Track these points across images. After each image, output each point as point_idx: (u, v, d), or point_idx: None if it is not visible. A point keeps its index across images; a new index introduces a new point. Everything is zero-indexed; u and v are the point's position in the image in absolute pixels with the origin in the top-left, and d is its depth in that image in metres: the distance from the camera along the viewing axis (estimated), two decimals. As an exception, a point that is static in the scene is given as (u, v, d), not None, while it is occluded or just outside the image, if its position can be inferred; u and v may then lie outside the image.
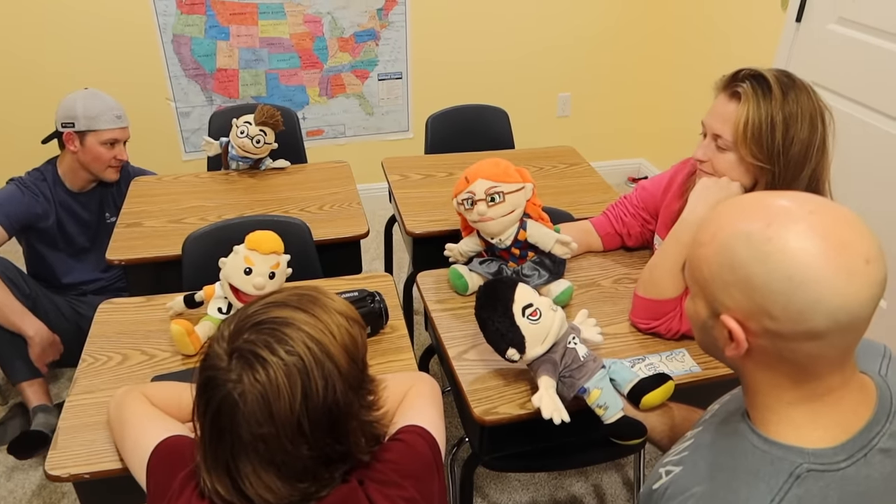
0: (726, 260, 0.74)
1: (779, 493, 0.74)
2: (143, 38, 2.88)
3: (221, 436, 0.81)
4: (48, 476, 1.13)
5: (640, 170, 3.87)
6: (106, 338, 1.44)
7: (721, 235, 0.75)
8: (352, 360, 0.84)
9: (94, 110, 2.06)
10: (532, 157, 2.34)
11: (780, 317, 0.71)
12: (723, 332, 0.77)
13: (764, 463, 0.77)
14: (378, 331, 1.45)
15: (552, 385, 1.21)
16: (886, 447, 0.76)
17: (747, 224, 0.73)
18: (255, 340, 0.80)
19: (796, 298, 0.69)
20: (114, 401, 1.16)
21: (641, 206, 1.66)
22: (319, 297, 0.87)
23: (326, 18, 3.03)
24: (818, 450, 0.75)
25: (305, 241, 1.78)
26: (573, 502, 1.99)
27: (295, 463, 0.82)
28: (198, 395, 0.83)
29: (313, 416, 0.80)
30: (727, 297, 0.75)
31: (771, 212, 0.73)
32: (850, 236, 0.69)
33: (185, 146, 3.16)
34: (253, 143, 2.09)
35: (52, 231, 2.16)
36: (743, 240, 0.72)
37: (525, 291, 1.24)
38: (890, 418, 0.78)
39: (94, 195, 2.22)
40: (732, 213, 0.76)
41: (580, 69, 3.49)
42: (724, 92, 1.31)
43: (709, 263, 0.76)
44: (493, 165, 1.49)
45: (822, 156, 1.29)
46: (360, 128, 3.33)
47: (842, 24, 2.39)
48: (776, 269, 0.70)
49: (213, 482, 0.84)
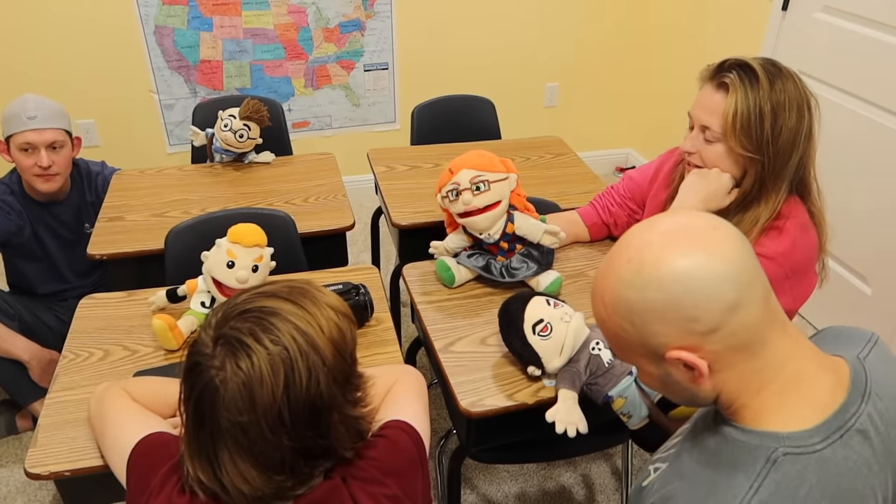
0: (625, 310, 0.76)
1: (756, 479, 0.74)
2: (125, 29, 2.84)
3: (203, 422, 0.81)
4: (28, 474, 1.12)
5: (628, 159, 3.87)
6: (87, 333, 1.42)
7: (607, 298, 0.78)
8: (339, 353, 0.83)
9: (9, 112, 1.90)
10: (519, 147, 2.32)
11: (700, 316, 0.73)
12: (679, 370, 0.77)
13: (742, 453, 0.77)
14: (363, 324, 1.44)
15: (570, 397, 1.21)
16: (863, 428, 0.76)
17: (615, 273, 0.76)
18: (241, 328, 0.80)
19: (695, 293, 0.72)
20: (94, 397, 1.14)
21: (628, 195, 1.65)
22: (310, 289, 0.87)
23: (311, 9, 3.00)
24: (793, 433, 0.75)
25: (290, 234, 1.76)
26: (562, 492, 1.99)
27: (273, 453, 0.81)
28: (183, 380, 0.83)
29: (295, 407, 0.79)
30: (652, 336, 0.76)
31: (626, 252, 0.76)
32: (691, 225, 0.76)
33: (170, 139, 3.12)
34: (236, 137, 2.06)
35: (30, 245, 2.08)
36: (623, 286, 0.75)
37: (535, 307, 1.25)
38: (865, 400, 0.78)
39: (68, 205, 2.10)
40: (598, 280, 0.80)
41: (568, 59, 3.48)
42: (710, 82, 1.30)
43: (618, 326, 0.78)
44: (478, 156, 1.48)
45: (809, 143, 1.28)
46: (347, 119, 3.31)
47: (828, 13, 2.39)
48: (662, 285, 0.73)
49: (195, 469, 0.83)
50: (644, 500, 0.85)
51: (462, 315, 1.46)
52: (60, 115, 1.96)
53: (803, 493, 0.73)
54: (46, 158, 1.92)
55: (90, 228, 2.06)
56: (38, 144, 1.90)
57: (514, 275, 1.51)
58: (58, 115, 1.95)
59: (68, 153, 2.00)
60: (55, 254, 2.13)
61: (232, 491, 0.82)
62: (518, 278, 1.51)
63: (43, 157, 1.91)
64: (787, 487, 0.73)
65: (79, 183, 2.11)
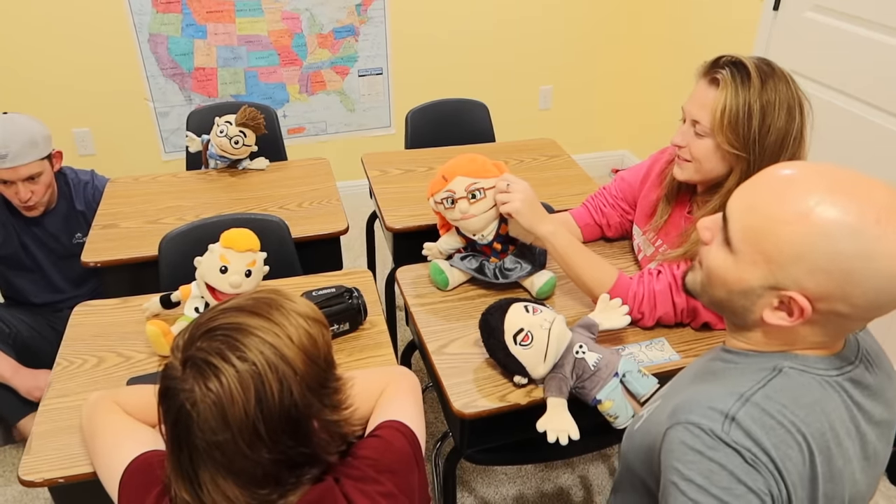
0: (824, 247, 0.72)
1: (762, 380, 0.79)
2: (119, 37, 2.85)
3: (180, 444, 0.81)
4: (22, 482, 1.12)
5: (623, 161, 3.88)
6: (81, 340, 1.42)
7: (817, 219, 0.72)
8: (310, 360, 0.82)
9: None
10: (512, 149, 2.33)
11: (861, 305, 0.73)
12: (770, 301, 0.78)
13: (749, 365, 0.83)
14: (356, 327, 1.44)
15: (559, 404, 1.21)
16: (857, 379, 0.83)
17: (851, 215, 0.71)
18: (208, 348, 0.79)
19: (886, 295, 0.72)
20: (86, 408, 1.13)
21: (620, 196, 1.66)
22: (277, 298, 0.86)
23: (305, 15, 3.01)
24: (803, 355, 0.81)
25: (284, 239, 1.76)
26: (560, 494, 1.99)
27: (254, 469, 0.81)
28: (159, 403, 0.83)
29: (269, 421, 0.79)
30: (810, 279, 0.74)
31: (875, 204, 0.71)
32: None
33: (165, 146, 3.13)
34: (231, 143, 2.07)
35: (18, 257, 2.05)
36: (848, 233, 0.71)
37: (514, 316, 1.22)
38: (856, 362, 0.84)
39: (56, 216, 2.04)
40: (824, 190, 0.73)
41: (562, 61, 3.49)
42: (705, 78, 1.31)
43: (795, 244, 0.74)
44: (470, 162, 1.47)
45: (799, 146, 1.28)
46: (342, 124, 3.32)
47: (818, 12, 2.40)
48: (883, 268, 0.70)
49: (178, 490, 0.83)
50: (638, 432, 0.91)
51: (455, 317, 1.46)
52: (33, 145, 1.85)
53: (807, 401, 0.78)
54: (24, 192, 1.88)
55: (82, 238, 2.03)
56: (14, 180, 1.85)
57: (507, 276, 1.51)
58: (30, 146, 1.85)
59: (48, 179, 1.94)
60: (46, 265, 2.10)
61: None
62: (512, 279, 1.51)
63: (21, 192, 1.87)
64: (792, 391, 0.79)
65: (66, 193, 2.06)
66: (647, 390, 1.23)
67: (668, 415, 0.82)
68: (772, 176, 0.79)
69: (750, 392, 0.78)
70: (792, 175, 0.77)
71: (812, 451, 0.76)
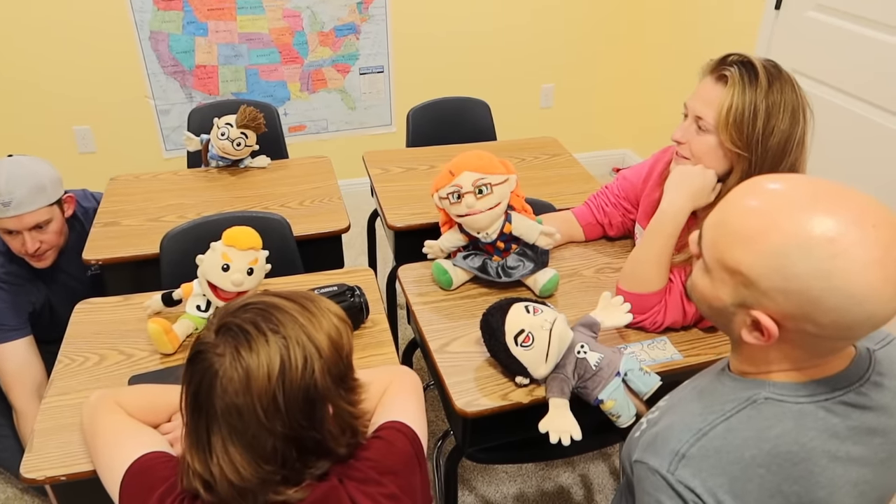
0: (779, 266, 0.70)
1: (732, 410, 0.79)
2: (120, 35, 2.84)
3: (200, 410, 0.84)
4: (23, 479, 1.12)
5: (624, 160, 3.87)
6: (83, 338, 1.42)
7: (775, 237, 0.70)
8: (336, 351, 0.86)
9: None
10: (514, 148, 2.33)
11: (826, 325, 0.70)
12: (745, 319, 0.77)
13: (729, 392, 0.82)
14: (358, 325, 1.44)
15: (561, 405, 1.21)
16: (852, 402, 0.79)
17: (807, 230, 0.69)
18: (242, 318, 0.84)
19: (851, 314, 0.68)
20: (86, 408, 1.12)
21: (622, 195, 1.65)
22: (313, 296, 0.91)
23: (306, 13, 3.01)
24: (782, 382, 0.79)
25: (285, 237, 1.76)
26: (561, 493, 1.99)
27: (265, 441, 0.83)
28: (185, 371, 0.86)
29: (289, 393, 0.82)
30: (769, 299, 0.72)
31: (840, 221, 0.68)
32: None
33: (166, 144, 3.13)
34: (233, 146, 2.06)
35: (42, 311, 1.85)
36: (804, 251, 0.68)
37: (515, 317, 1.22)
38: (862, 381, 0.80)
39: (70, 253, 1.83)
40: (784, 207, 0.71)
41: (564, 60, 3.49)
42: (711, 75, 1.30)
43: (752, 264, 0.72)
44: (478, 158, 1.47)
45: (801, 151, 1.28)
46: (343, 122, 3.31)
47: (820, 11, 2.40)
48: (838, 287, 0.67)
49: (192, 461, 0.85)
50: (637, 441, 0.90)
51: (458, 315, 1.46)
52: (40, 190, 1.66)
53: (775, 433, 0.76)
54: (32, 243, 1.68)
55: (96, 269, 1.89)
56: (20, 229, 1.66)
57: (510, 274, 1.51)
58: (37, 191, 1.66)
59: (58, 226, 1.74)
60: (60, 307, 1.87)
61: (219, 481, 0.83)
62: (515, 278, 1.51)
63: (28, 243, 1.67)
64: (758, 424, 0.77)
65: (77, 226, 1.88)
66: (650, 388, 1.23)
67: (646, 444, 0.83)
68: (739, 190, 0.78)
69: (709, 426, 0.78)
70: (758, 189, 0.75)
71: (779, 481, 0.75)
